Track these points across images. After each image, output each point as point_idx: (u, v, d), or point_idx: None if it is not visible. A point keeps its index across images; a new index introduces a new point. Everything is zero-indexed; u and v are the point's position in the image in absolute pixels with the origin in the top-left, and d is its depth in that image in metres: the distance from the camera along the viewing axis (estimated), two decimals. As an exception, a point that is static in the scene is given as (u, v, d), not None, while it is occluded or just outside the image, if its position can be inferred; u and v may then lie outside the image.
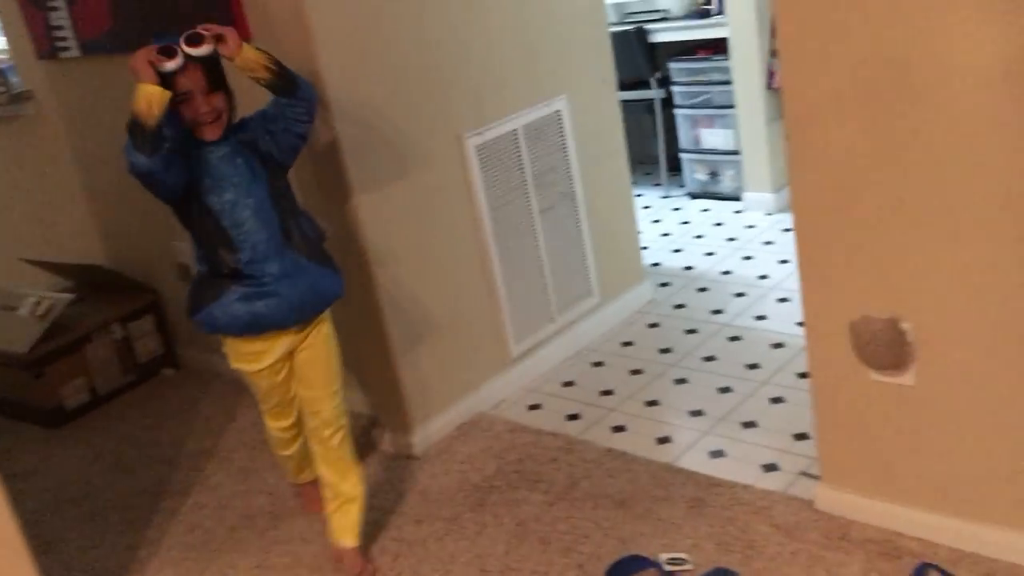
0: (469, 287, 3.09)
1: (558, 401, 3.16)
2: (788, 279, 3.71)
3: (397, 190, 2.83)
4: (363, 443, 3.04)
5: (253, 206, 2.19)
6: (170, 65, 2.06)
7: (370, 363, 2.95)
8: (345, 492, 2.41)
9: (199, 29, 2.10)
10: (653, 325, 3.57)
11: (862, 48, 1.91)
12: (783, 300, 3.56)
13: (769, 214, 4.40)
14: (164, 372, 3.87)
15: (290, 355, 2.34)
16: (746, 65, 4.27)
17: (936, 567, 2.10)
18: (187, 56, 2.08)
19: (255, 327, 2.23)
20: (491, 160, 3.08)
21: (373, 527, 2.61)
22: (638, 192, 4.86)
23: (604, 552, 2.36)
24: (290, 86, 2.17)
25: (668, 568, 2.26)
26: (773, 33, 4.16)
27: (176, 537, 2.77)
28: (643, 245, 3.92)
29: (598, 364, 3.36)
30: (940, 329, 2.01)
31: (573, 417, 3.04)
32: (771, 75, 4.23)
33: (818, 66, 1.99)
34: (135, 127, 2.01)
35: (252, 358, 2.31)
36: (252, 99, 2.29)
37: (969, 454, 2.07)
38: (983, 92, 1.80)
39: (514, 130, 3.14)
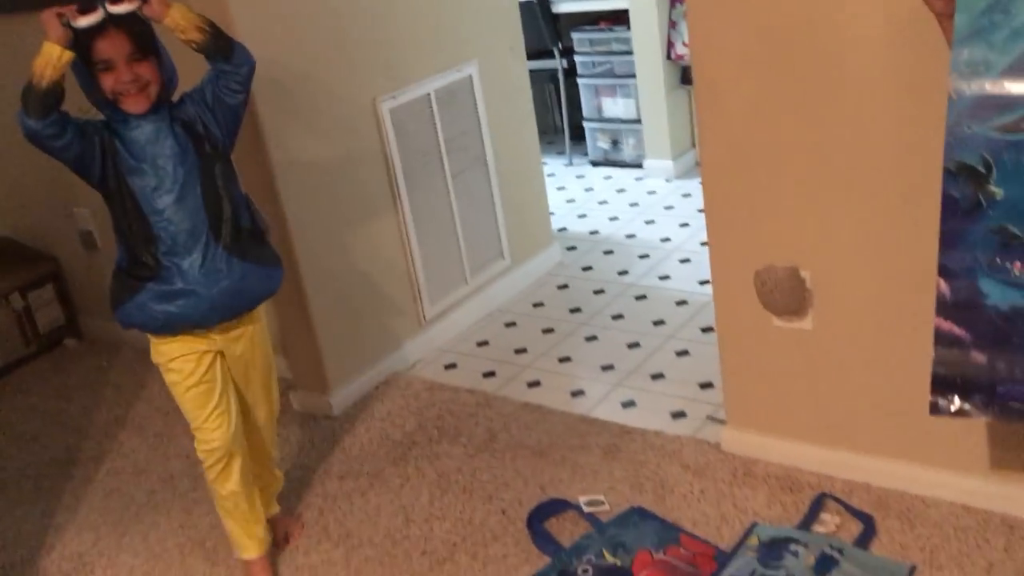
0: (385, 250, 3.13)
1: (473, 360, 3.24)
2: (689, 241, 3.88)
3: (313, 154, 2.85)
4: (281, 405, 3.06)
5: (177, 192, 2.02)
6: (83, 21, 1.89)
7: (288, 326, 2.97)
8: (266, 482, 2.39)
9: None
10: (563, 287, 3.69)
11: (765, 11, 2.04)
12: (685, 261, 3.72)
13: (669, 180, 4.57)
14: (67, 342, 3.78)
15: (217, 355, 2.17)
16: (646, 36, 4.41)
17: (832, 497, 2.28)
18: (108, 15, 1.91)
19: (169, 328, 2.09)
20: (405, 124, 3.12)
21: (296, 484, 2.64)
22: (542, 160, 4.95)
23: (525, 498, 2.46)
24: (226, 49, 2.03)
25: (587, 509, 2.38)
26: (672, 4, 4.31)
27: (93, 503, 2.74)
28: (549, 211, 4.02)
29: (511, 324, 3.46)
30: (835, 276, 2.18)
31: (489, 375, 3.13)
32: (670, 46, 4.38)
33: (724, 29, 2.11)
34: (26, 88, 1.88)
35: (171, 349, 2.14)
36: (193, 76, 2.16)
37: (861, 392, 2.25)
38: (876, 55, 1.95)
39: (427, 94, 3.19)
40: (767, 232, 2.23)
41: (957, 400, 1.64)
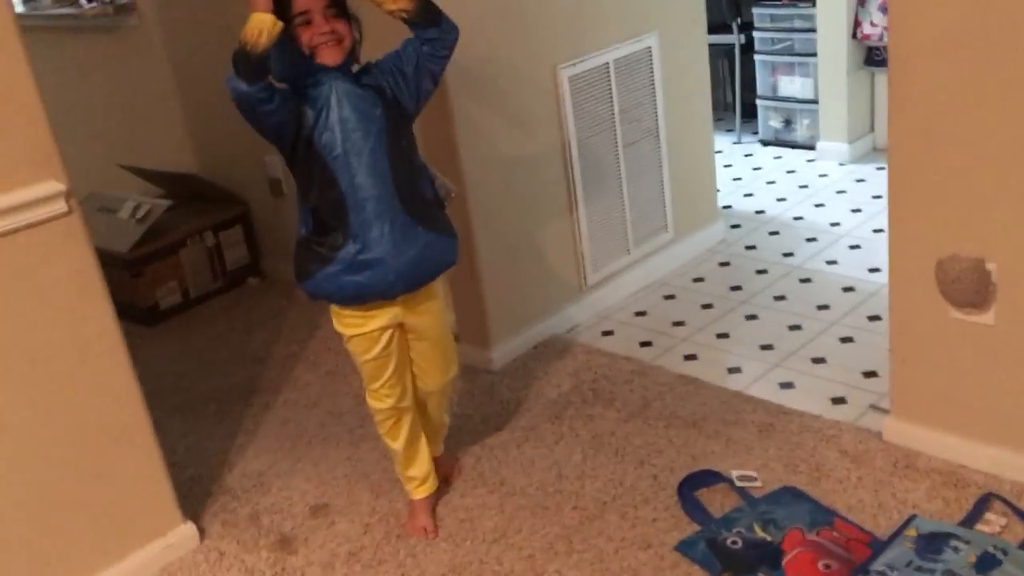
0: (553, 214, 3.21)
1: (631, 329, 3.29)
2: (860, 227, 3.77)
3: (493, 115, 2.94)
4: (444, 356, 3.22)
5: (368, 159, 2.03)
6: None
7: (457, 282, 3.07)
8: (434, 428, 2.46)
9: None
10: (724, 264, 3.67)
11: (974, -7, 1.97)
12: (855, 247, 3.63)
13: (843, 164, 4.44)
14: (250, 281, 4.05)
15: (399, 325, 2.21)
16: (832, 13, 4.28)
17: (999, 497, 2.21)
18: None
19: (360, 298, 2.12)
20: (582, 92, 3.16)
21: (456, 432, 2.76)
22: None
23: (677, 466, 2.50)
24: (435, 16, 2.03)
25: (739, 483, 2.40)
26: (863, -18, 4.16)
27: (270, 429, 2.96)
28: (716, 188, 4.00)
29: (670, 297, 3.47)
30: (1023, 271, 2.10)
31: (645, 344, 3.17)
32: (857, 24, 4.23)
33: (924, 6, 2.05)
34: (239, 54, 1.90)
35: (356, 323, 2.18)
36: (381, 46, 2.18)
37: (1041, 393, 2.17)
38: (1092, 41, 1.85)
39: (606, 64, 3.22)
40: (953, 220, 2.16)
41: None
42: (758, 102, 4.82)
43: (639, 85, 3.36)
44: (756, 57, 4.72)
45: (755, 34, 4.69)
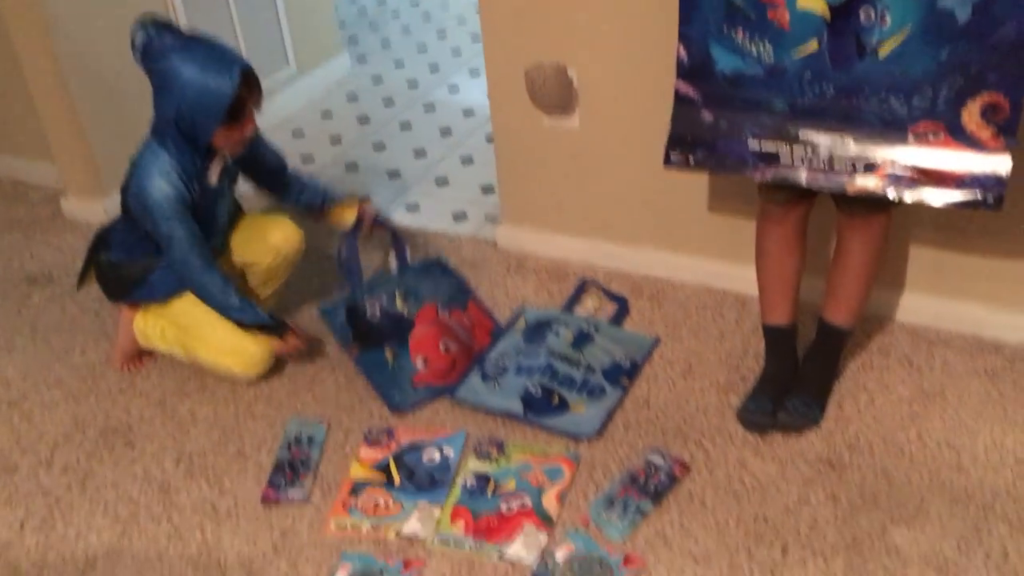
0: (158, 51, 2.98)
1: (259, 169, 3.20)
2: (479, 54, 3.89)
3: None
4: (52, 214, 2.96)
5: (225, 220, 2.28)
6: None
7: (56, 130, 2.81)
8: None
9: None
10: (352, 97, 3.66)
11: None
12: (474, 72, 3.76)
13: (462, -6, 4.52)
14: None
15: None
16: None
17: (594, 282, 2.48)
18: None
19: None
20: (174, -87, 2.92)
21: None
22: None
23: (309, 295, 2.54)
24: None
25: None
26: None
27: None
28: (340, 21, 3.93)
29: (298, 134, 3.42)
30: (599, 75, 2.29)
31: (275, 183, 3.11)
32: None
33: None
34: (239, 318, 2.15)
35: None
36: None
37: (620, 187, 2.43)
38: None
39: None
40: (538, 30, 2.29)
41: (686, 153, 1.87)
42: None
43: (239, -93, 3.16)
44: None
45: None
